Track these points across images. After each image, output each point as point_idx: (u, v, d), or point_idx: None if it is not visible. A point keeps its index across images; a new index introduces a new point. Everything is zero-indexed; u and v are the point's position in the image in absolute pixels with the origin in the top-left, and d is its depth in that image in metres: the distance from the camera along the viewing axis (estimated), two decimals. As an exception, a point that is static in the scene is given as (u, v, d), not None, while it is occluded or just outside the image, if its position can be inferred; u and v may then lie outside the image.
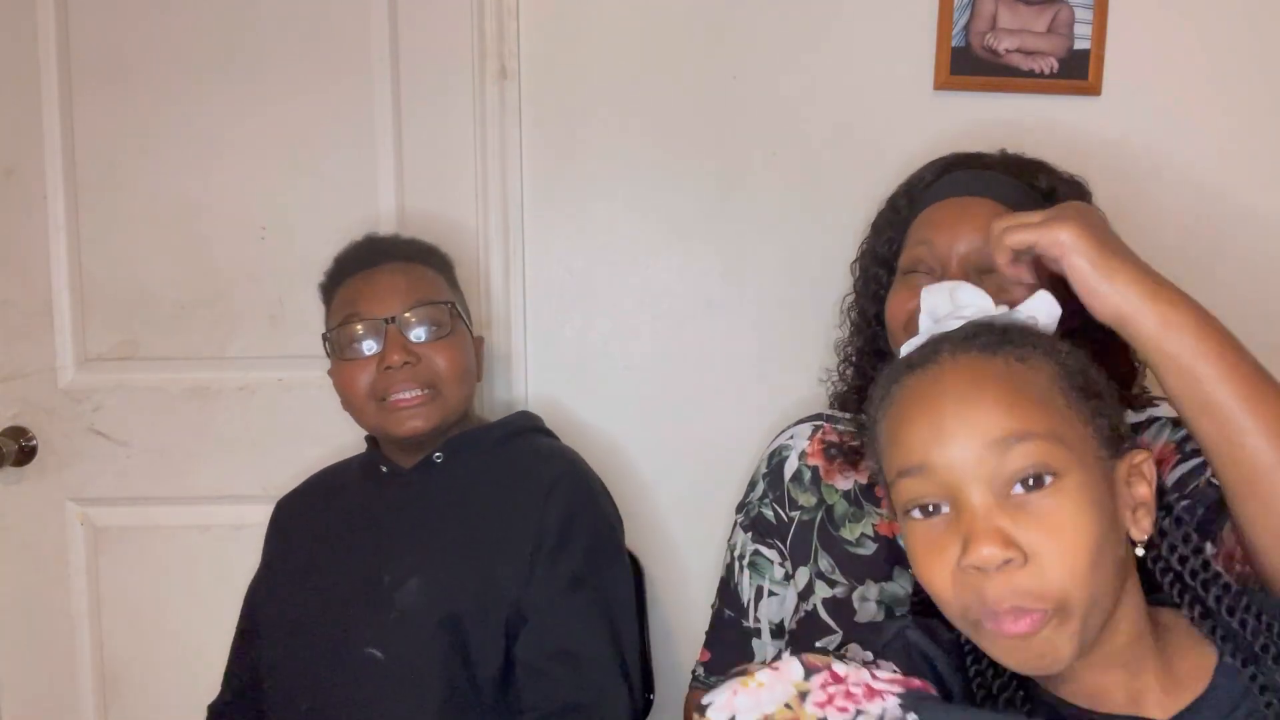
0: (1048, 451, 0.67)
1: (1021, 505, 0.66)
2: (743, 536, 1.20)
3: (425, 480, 1.25)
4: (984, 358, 0.71)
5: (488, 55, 1.47)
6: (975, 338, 0.73)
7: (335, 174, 1.50)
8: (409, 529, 1.22)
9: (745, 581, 1.18)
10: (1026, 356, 0.71)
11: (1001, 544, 0.65)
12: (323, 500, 1.33)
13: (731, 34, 1.46)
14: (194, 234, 1.52)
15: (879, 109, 1.46)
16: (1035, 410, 0.68)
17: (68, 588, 1.56)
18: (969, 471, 0.68)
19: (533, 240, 1.50)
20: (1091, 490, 0.67)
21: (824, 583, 1.09)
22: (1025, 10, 1.43)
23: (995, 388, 0.69)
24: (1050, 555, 0.65)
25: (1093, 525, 0.66)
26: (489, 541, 1.18)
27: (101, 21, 1.48)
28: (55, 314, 1.52)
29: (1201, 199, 1.47)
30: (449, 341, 1.23)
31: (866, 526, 1.09)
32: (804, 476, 1.16)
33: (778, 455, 1.21)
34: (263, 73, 1.49)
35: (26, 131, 1.49)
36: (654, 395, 1.52)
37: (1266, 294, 1.49)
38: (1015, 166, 1.09)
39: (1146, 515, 0.71)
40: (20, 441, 1.53)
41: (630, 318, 1.51)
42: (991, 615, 0.67)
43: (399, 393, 1.19)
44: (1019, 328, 0.75)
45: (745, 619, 1.17)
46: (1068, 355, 0.73)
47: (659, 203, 1.49)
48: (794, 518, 1.15)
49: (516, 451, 1.28)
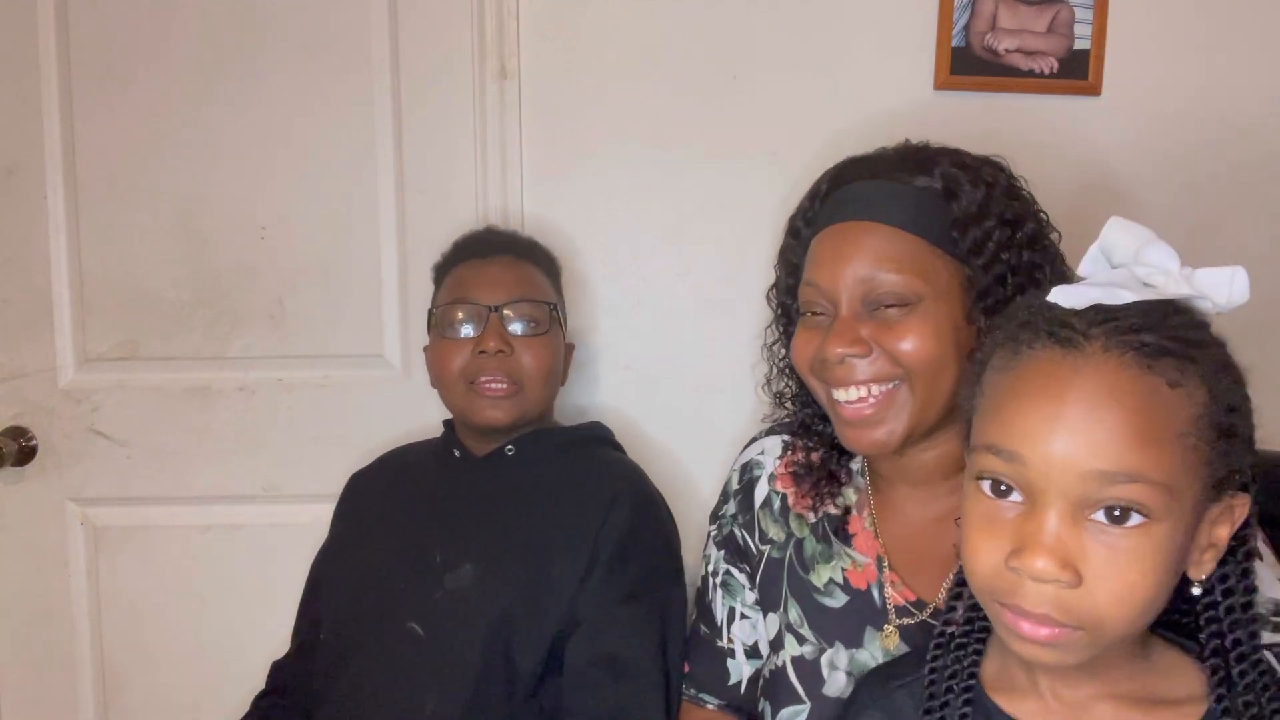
0: (1151, 497, 0.62)
1: (1098, 532, 0.63)
2: (716, 553, 1.14)
3: (495, 470, 1.27)
4: (1134, 371, 0.64)
5: (488, 55, 1.47)
6: (1138, 333, 0.64)
7: (335, 174, 1.50)
8: (471, 515, 1.24)
9: (719, 600, 1.13)
10: (1181, 382, 0.64)
11: (1059, 564, 0.62)
12: (394, 476, 1.36)
13: (731, 34, 1.46)
14: (194, 234, 1.52)
15: (879, 109, 1.46)
16: (1161, 454, 0.62)
17: (68, 588, 1.56)
18: (1063, 486, 0.63)
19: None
20: (1175, 539, 0.63)
21: (793, 637, 1.02)
22: (1025, 10, 1.43)
23: (1130, 411, 0.63)
24: (1105, 590, 0.62)
25: (1161, 575, 0.63)
26: (548, 541, 1.20)
27: (101, 21, 1.48)
28: (55, 314, 1.52)
29: (1202, 199, 1.48)
30: (543, 340, 1.27)
31: (836, 571, 1.01)
32: (773, 504, 1.09)
33: (749, 472, 1.13)
34: (263, 73, 1.49)
35: (26, 131, 1.49)
36: (654, 395, 1.52)
37: (1267, 294, 1.49)
38: (912, 163, 0.97)
39: (1214, 558, 0.67)
40: (20, 441, 1.53)
41: (630, 318, 1.51)
42: (1018, 611, 0.65)
43: (488, 379, 1.23)
44: (1189, 327, 0.67)
45: (719, 639, 1.12)
46: (1228, 387, 0.66)
47: (659, 202, 1.49)
48: (764, 552, 1.08)
49: (586, 458, 1.30)
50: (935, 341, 0.91)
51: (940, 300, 0.92)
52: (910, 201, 0.94)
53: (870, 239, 0.93)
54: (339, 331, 1.53)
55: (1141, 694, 0.70)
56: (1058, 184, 1.48)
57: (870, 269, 0.92)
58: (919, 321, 0.91)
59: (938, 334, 0.91)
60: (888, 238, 0.93)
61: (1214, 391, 0.65)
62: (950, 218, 0.93)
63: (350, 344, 1.53)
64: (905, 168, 0.97)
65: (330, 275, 1.52)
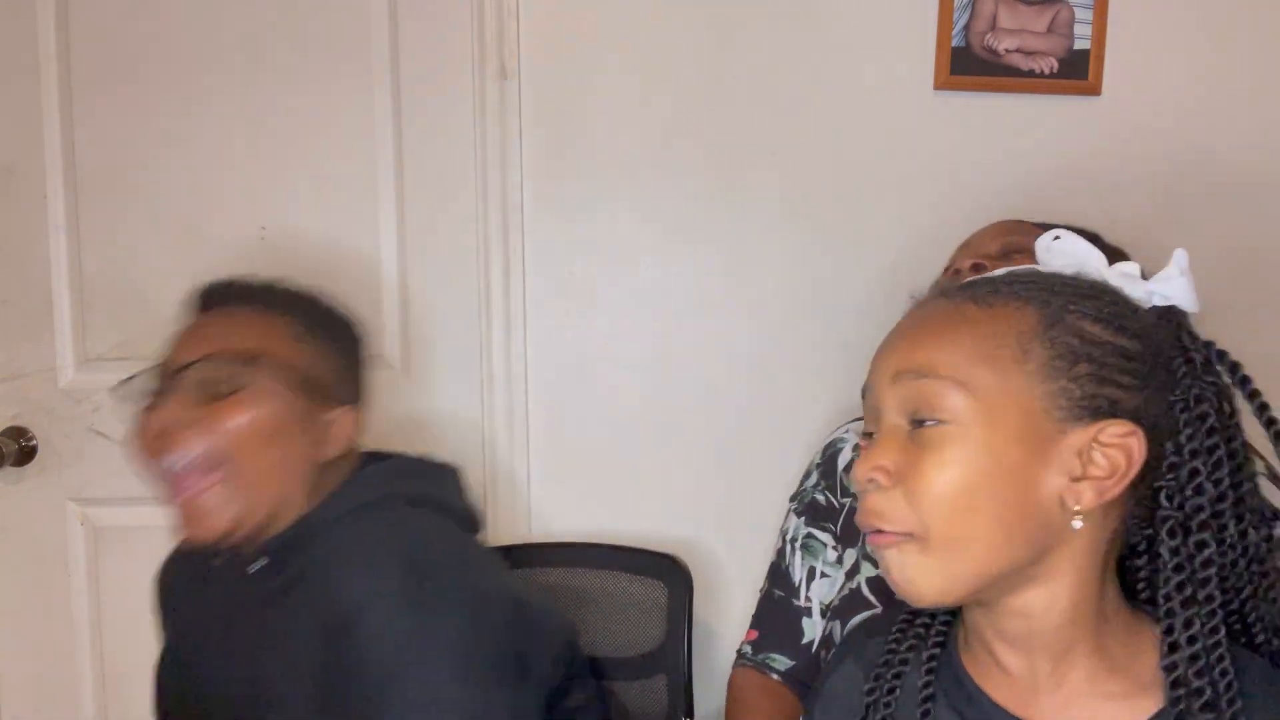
0: (943, 393, 0.66)
1: (914, 439, 0.67)
2: (796, 521, 1.26)
3: (247, 586, 1.02)
4: (946, 300, 0.71)
5: (488, 55, 1.47)
6: (977, 285, 0.71)
7: (335, 174, 1.50)
8: (265, 635, 1.00)
9: (797, 562, 1.23)
10: (1004, 302, 0.68)
11: (870, 468, 0.67)
12: (200, 574, 1.11)
13: (731, 34, 1.46)
14: (194, 234, 1.52)
15: (879, 109, 1.46)
16: (954, 353, 0.67)
17: (68, 588, 1.56)
18: (884, 397, 0.69)
19: (533, 240, 1.50)
20: (985, 441, 0.65)
21: (869, 563, 1.13)
22: (1025, 10, 1.43)
23: (927, 326, 0.70)
24: (910, 483, 0.66)
25: (966, 469, 0.65)
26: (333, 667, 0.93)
27: (101, 21, 1.48)
28: (55, 314, 1.52)
29: (1202, 198, 1.48)
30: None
31: None
32: None
33: (832, 448, 1.28)
34: (263, 73, 1.49)
35: (26, 131, 1.49)
36: (654, 395, 1.52)
37: (1268, 294, 1.49)
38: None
39: (1092, 491, 0.66)
40: (20, 441, 1.53)
41: (630, 318, 1.51)
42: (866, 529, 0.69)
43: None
44: (1050, 279, 0.70)
45: (796, 598, 1.22)
46: (1081, 309, 0.67)
47: (659, 203, 1.49)
48: (845, 504, 1.22)
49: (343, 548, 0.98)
50: None
51: None
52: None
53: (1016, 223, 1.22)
54: (339, 331, 1.53)
55: (1106, 672, 0.69)
56: (1058, 184, 1.48)
57: (1012, 231, 1.19)
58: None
59: None
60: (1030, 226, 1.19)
61: (1052, 315, 0.67)
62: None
63: (350, 344, 1.53)
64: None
65: (330, 275, 1.52)
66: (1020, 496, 0.66)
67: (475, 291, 1.51)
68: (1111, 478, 0.66)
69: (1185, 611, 0.66)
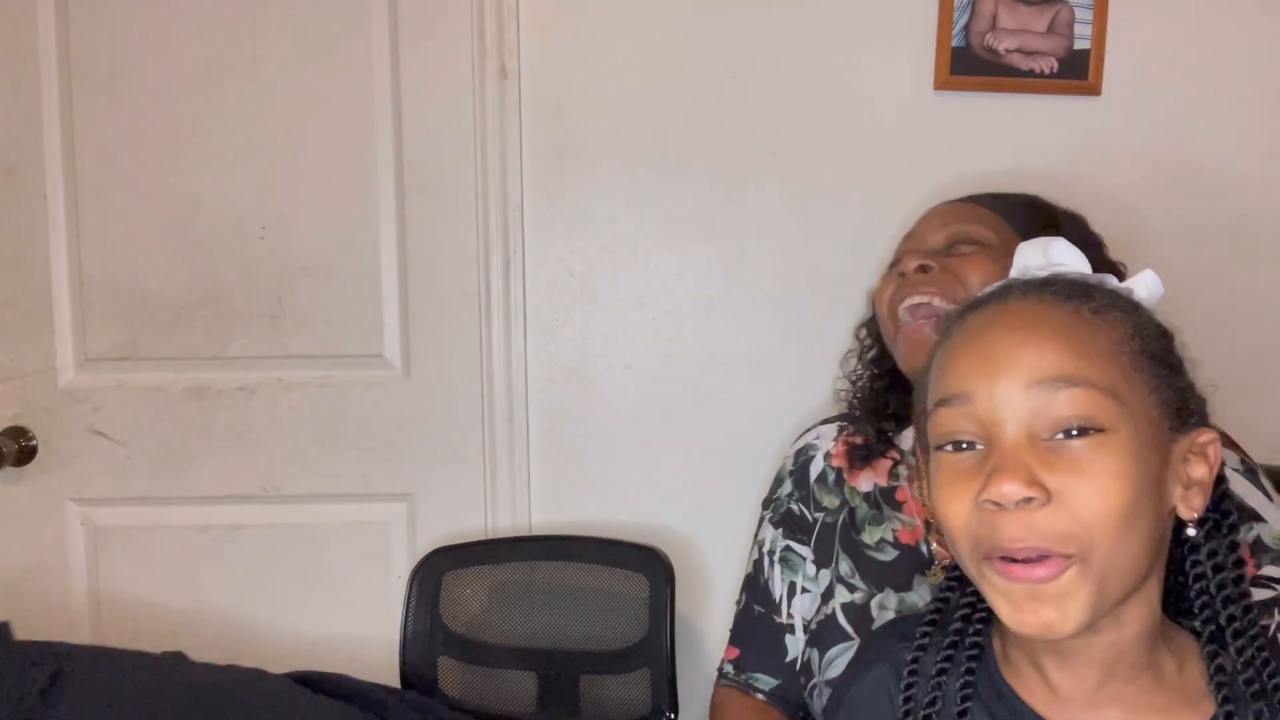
0: (1098, 403, 0.62)
1: (1058, 450, 0.62)
2: (772, 532, 1.18)
3: None
4: (1054, 301, 0.67)
5: (488, 55, 1.47)
6: (1051, 284, 0.69)
7: (335, 174, 1.50)
8: None
9: (777, 577, 1.16)
10: (1101, 311, 0.66)
11: (1025, 481, 0.61)
12: None
13: (731, 34, 1.46)
14: (194, 234, 1.52)
15: (879, 109, 1.46)
16: (1094, 360, 0.64)
17: (68, 588, 1.56)
18: (1009, 408, 0.63)
19: (533, 240, 1.50)
20: (1138, 451, 0.63)
21: (844, 587, 1.08)
22: (1025, 10, 1.43)
23: (1056, 329, 0.65)
24: (1078, 497, 0.61)
25: (1131, 481, 0.62)
26: None
27: (101, 22, 1.48)
28: (55, 314, 1.52)
29: (1202, 199, 1.47)
30: None
31: (887, 532, 1.09)
32: (828, 478, 1.16)
33: (804, 454, 1.20)
34: (262, 73, 1.49)
35: (26, 131, 1.49)
36: (654, 395, 1.52)
37: (1268, 294, 1.49)
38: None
39: (1199, 495, 0.66)
40: (20, 441, 1.53)
41: (630, 318, 1.51)
42: (1002, 554, 0.63)
43: None
44: (1105, 288, 0.70)
45: (777, 615, 1.15)
46: (1148, 321, 0.68)
47: (659, 203, 1.49)
48: (818, 519, 1.15)
49: None
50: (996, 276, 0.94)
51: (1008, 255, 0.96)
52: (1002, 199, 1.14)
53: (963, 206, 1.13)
54: (339, 331, 1.53)
55: (1155, 686, 0.68)
56: (1058, 184, 1.48)
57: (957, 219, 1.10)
58: (986, 260, 1.04)
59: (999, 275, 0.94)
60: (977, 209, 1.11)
61: (1138, 324, 0.67)
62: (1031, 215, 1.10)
63: (350, 344, 1.53)
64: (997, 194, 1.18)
65: (330, 275, 1.52)
66: (1159, 508, 0.65)
67: (475, 291, 1.51)
68: (1205, 482, 0.66)
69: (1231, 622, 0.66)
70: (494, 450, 1.53)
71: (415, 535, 1.55)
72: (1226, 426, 0.84)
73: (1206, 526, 0.69)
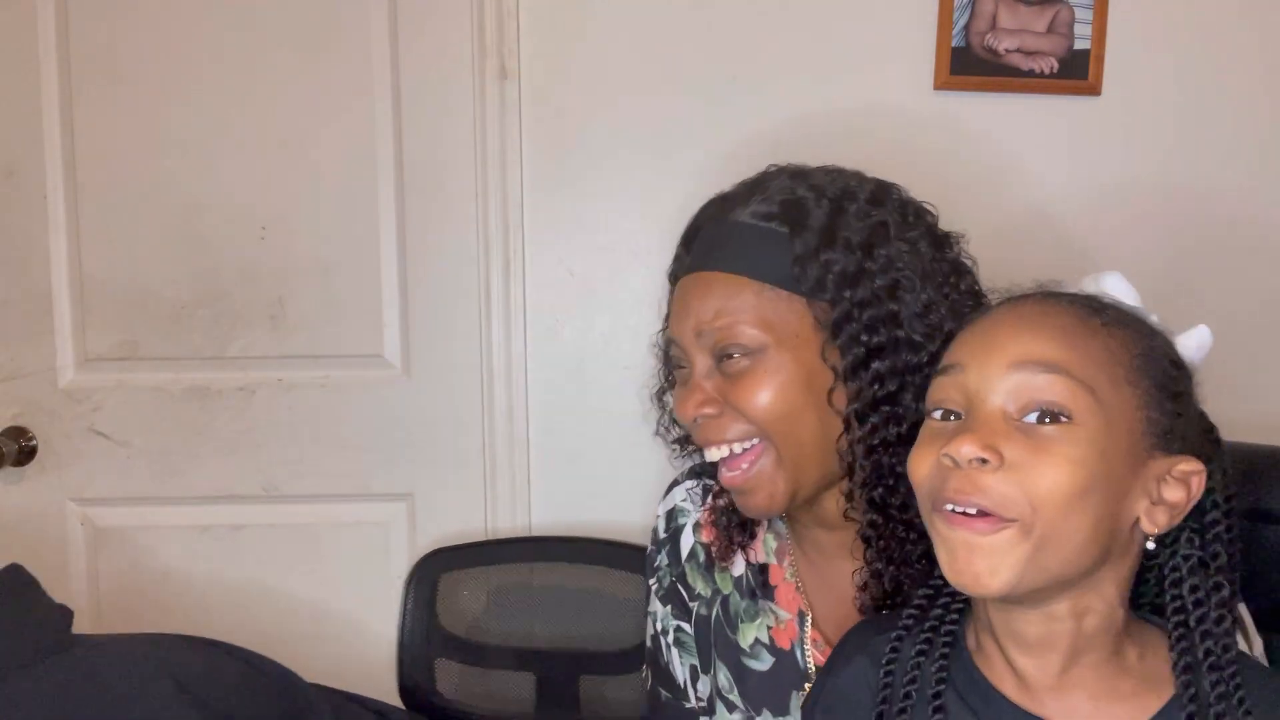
0: (1073, 394, 0.67)
1: (1026, 431, 0.67)
2: (662, 609, 1.05)
3: None
4: (1069, 305, 0.71)
5: (488, 55, 1.47)
6: (1076, 298, 0.73)
7: (335, 174, 1.50)
8: None
9: (675, 660, 1.04)
10: (1114, 325, 0.70)
11: (981, 445, 0.66)
12: None
13: (731, 34, 1.46)
14: (194, 234, 1.52)
15: (879, 109, 1.46)
16: (1083, 357, 0.68)
17: (68, 588, 1.56)
18: (992, 382, 0.69)
19: (533, 240, 1.50)
20: (1104, 449, 0.67)
21: (723, 704, 0.98)
22: (1025, 10, 1.43)
23: (1058, 324, 0.70)
24: (1030, 472, 0.66)
25: (1087, 472, 0.66)
26: None
27: (101, 21, 1.48)
28: (55, 314, 1.52)
29: (1202, 199, 1.47)
30: None
31: (761, 630, 0.97)
32: (699, 556, 1.02)
33: (673, 520, 1.06)
34: (262, 73, 1.49)
35: (26, 131, 1.49)
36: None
37: (1268, 294, 1.49)
38: (759, 195, 0.94)
39: (1165, 514, 0.70)
40: (20, 441, 1.53)
41: (630, 318, 1.51)
42: (947, 503, 0.68)
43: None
44: (1136, 316, 0.74)
45: (686, 700, 1.03)
46: (1164, 351, 0.72)
47: (659, 202, 1.49)
48: (694, 609, 1.02)
49: None
50: (781, 394, 0.85)
51: (785, 346, 0.86)
52: (751, 242, 0.89)
53: (712, 289, 0.88)
54: (339, 331, 1.53)
55: (1117, 673, 0.72)
56: (1057, 184, 1.48)
57: (710, 320, 0.87)
58: (763, 374, 0.85)
59: (784, 385, 0.85)
60: (727, 286, 0.87)
61: (1151, 347, 0.71)
62: (791, 255, 0.87)
63: (350, 344, 1.53)
64: (752, 201, 0.92)
65: (330, 275, 1.52)
66: (1114, 508, 0.68)
67: (475, 291, 1.51)
68: (1178, 507, 0.70)
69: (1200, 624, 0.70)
70: (494, 450, 1.53)
71: (415, 535, 1.55)
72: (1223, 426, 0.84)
73: (1190, 563, 0.72)
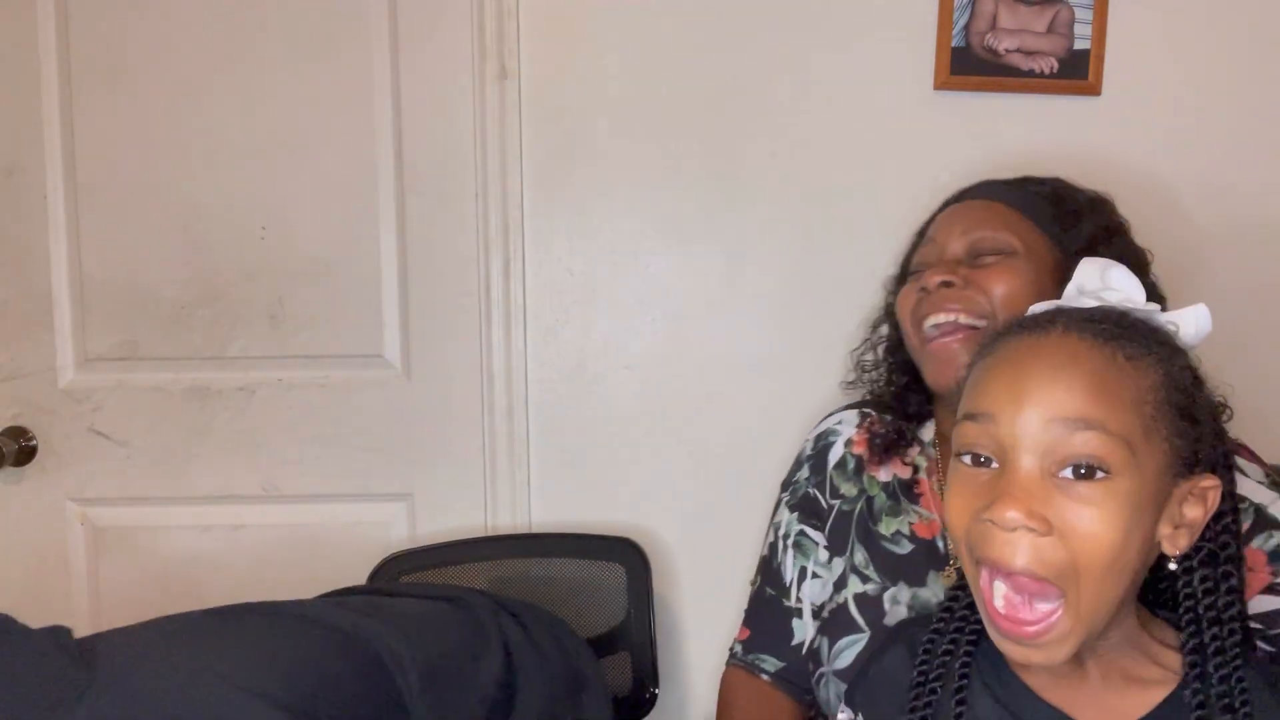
0: (1110, 449, 0.67)
1: (1065, 489, 0.67)
2: (788, 515, 1.19)
3: None
4: (1093, 342, 0.71)
5: (488, 55, 1.47)
6: (1096, 321, 0.72)
7: (335, 174, 1.50)
8: None
9: (789, 561, 1.17)
10: (1137, 357, 0.70)
11: (1026, 513, 0.66)
12: None
13: (731, 34, 1.46)
14: (194, 234, 1.52)
15: (879, 109, 1.46)
16: (1117, 408, 0.68)
17: (68, 588, 1.56)
18: (1028, 437, 0.68)
19: (533, 240, 1.50)
20: (1138, 500, 0.67)
21: (857, 577, 1.08)
22: (1025, 10, 1.43)
23: (1088, 371, 0.69)
24: (1075, 539, 0.66)
25: (1124, 530, 0.67)
26: None
27: (101, 21, 1.48)
28: (55, 314, 1.52)
29: (1202, 199, 1.48)
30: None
31: (903, 525, 1.09)
32: (848, 465, 1.16)
33: (824, 439, 1.21)
34: (263, 72, 1.49)
35: (26, 131, 1.49)
36: (654, 395, 1.52)
37: (1268, 294, 1.49)
38: (1029, 180, 1.14)
39: (1186, 536, 0.71)
40: (20, 441, 1.53)
41: (630, 318, 1.51)
42: (994, 566, 0.68)
43: None
44: (1148, 327, 0.74)
45: (787, 598, 1.16)
46: (1181, 370, 0.72)
47: (659, 203, 1.49)
48: (834, 506, 1.15)
49: None
50: (1021, 286, 1.02)
51: (1032, 260, 1.04)
52: (1023, 192, 1.10)
53: (983, 208, 1.10)
54: (339, 331, 1.53)
55: (1133, 662, 0.73)
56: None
57: (978, 225, 1.07)
58: (1010, 270, 1.03)
59: (1025, 284, 1.02)
60: (999, 209, 1.08)
61: (1168, 372, 0.71)
62: (1056, 212, 1.07)
63: (350, 344, 1.53)
64: (1020, 183, 1.13)
65: (330, 275, 1.52)
66: (1146, 549, 0.70)
67: (475, 291, 1.51)
68: (1196, 524, 0.71)
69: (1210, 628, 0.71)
70: (493, 450, 1.53)
71: (415, 535, 1.55)
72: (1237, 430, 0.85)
73: (1200, 555, 0.73)
